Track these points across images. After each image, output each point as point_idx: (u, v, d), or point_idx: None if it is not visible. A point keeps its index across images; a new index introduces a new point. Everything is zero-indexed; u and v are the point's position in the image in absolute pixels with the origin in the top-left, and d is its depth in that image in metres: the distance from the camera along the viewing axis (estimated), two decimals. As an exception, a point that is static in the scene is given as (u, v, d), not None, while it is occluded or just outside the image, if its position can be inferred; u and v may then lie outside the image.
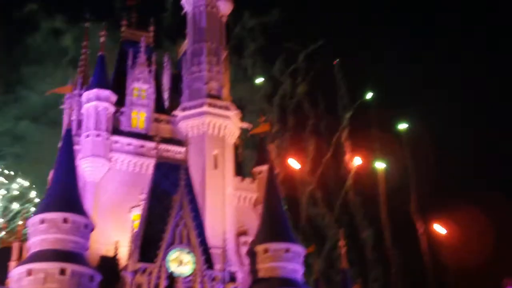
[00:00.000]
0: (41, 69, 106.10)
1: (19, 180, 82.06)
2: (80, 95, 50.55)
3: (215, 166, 49.62)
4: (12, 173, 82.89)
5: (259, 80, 62.21)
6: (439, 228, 64.27)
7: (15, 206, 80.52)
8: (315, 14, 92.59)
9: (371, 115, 69.73)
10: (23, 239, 43.57)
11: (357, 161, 67.83)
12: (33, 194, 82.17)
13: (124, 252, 42.05)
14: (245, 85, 62.26)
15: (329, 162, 69.60)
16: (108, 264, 42.78)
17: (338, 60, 72.77)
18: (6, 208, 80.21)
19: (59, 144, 47.44)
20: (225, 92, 52.29)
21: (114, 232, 45.11)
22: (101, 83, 49.43)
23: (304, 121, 70.83)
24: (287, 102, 67.97)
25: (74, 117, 50.09)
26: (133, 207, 46.90)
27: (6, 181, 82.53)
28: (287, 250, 43.05)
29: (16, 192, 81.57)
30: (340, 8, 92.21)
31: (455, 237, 65.18)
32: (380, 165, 67.75)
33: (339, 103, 72.52)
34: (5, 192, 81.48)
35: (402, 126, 69.78)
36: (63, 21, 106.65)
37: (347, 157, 68.48)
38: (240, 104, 53.13)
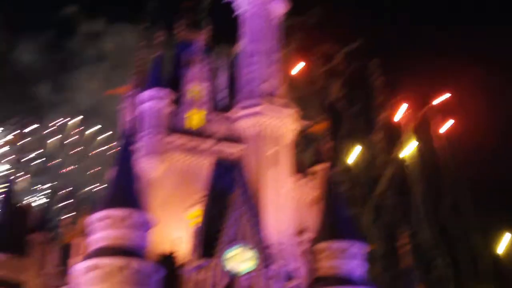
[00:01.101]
0: (83, 72, 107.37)
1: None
2: (137, 94, 50.91)
3: (272, 165, 49.43)
4: None
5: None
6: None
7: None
8: (354, 14, 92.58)
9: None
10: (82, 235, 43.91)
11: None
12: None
13: (180, 250, 42.18)
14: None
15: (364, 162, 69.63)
16: (165, 262, 42.87)
17: (374, 60, 72.51)
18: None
19: (117, 144, 47.85)
20: (282, 91, 52.04)
21: (170, 230, 45.18)
22: (158, 83, 49.75)
23: (339, 121, 70.84)
24: (323, 102, 67.83)
25: (131, 117, 50.45)
26: (189, 206, 46.99)
27: None
28: (347, 248, 42.59)
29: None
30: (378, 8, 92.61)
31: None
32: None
33: (374, 103, 72.36)
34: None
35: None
36: (103, 23, 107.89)
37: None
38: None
